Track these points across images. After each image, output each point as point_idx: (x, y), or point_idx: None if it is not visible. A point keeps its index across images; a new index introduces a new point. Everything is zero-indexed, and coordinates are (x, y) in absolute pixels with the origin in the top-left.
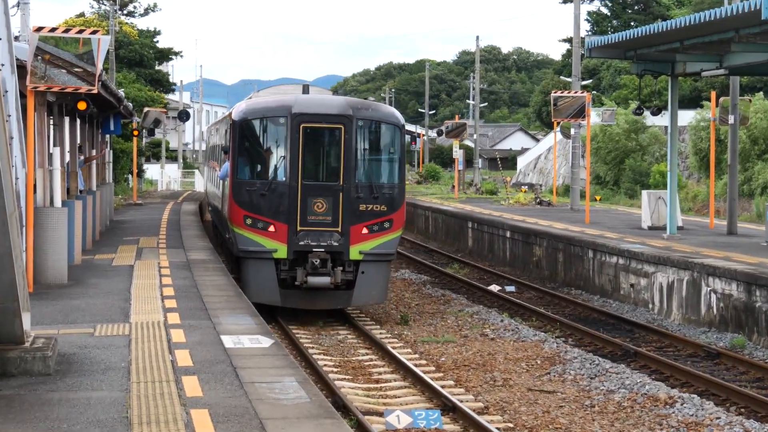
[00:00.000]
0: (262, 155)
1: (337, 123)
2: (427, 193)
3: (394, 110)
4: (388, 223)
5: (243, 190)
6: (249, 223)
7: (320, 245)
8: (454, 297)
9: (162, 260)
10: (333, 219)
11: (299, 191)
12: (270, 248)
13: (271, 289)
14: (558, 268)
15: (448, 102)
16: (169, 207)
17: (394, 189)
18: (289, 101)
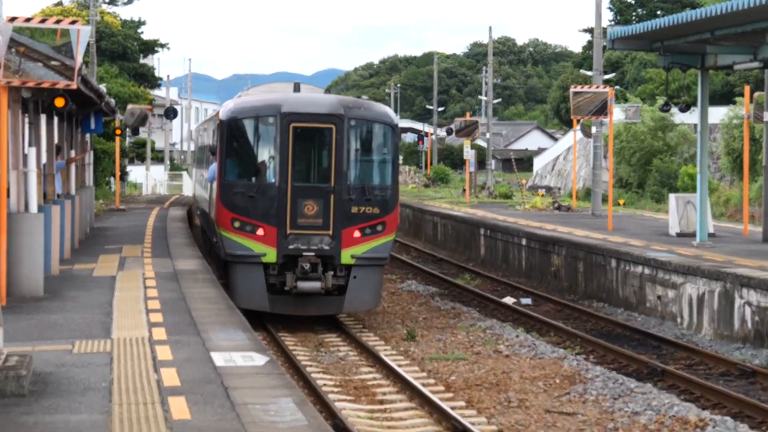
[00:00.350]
0: (251, 156)
1: (328, 123)
2: (436, 197)
3: (387, 109)
4: (381, 226)
5: (231, 192)
6: (237, 226)
7: (310, 249)
8: (465, 310)
9: (147, 270)
10: (324, 222)
11: (289, 193)
12: (258, 252)
13: (259, 294)
14: (578, 278)
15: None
16: (155, 213)
17: (387, 191)
18: (279, 100)
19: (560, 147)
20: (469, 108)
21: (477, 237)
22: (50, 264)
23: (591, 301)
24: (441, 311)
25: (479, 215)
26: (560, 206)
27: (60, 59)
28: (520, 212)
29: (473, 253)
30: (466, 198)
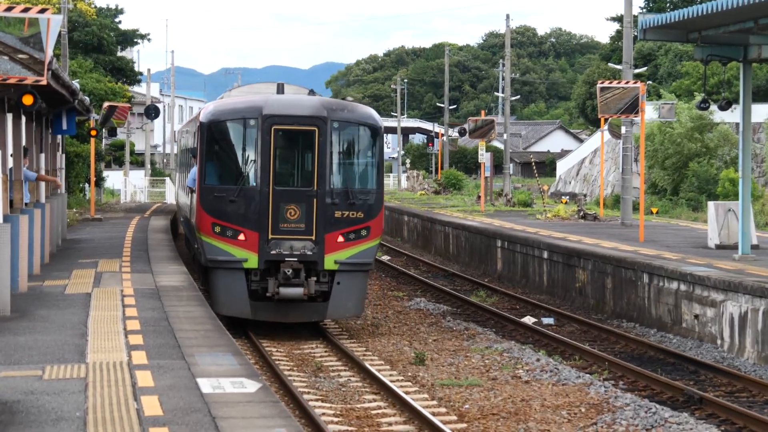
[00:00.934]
0: (232, 159)
1: (311, 125)
2: (447, 206)
3: (372, 111)
4: (365, 231)
5: (211, 196)
6: (218, 231)
7: (293, 254)
8: (480, 331)
9: (126, 287)
10: (306, 226)
11: (270, 197)
12: (240, 257)
13: (241, 301)
14: (606, 295)
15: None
16: (135, 223)
17: (371, 195)
18: (260, 102)
19: (586, 149)
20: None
21: (493, 249)
22: (17, 280)
23: (620, 321)
24: (453, 332)
25: (496, 225)
26: (586, 215)
27: (28, 52)
28: (542, 222)
29: (489, 268)
30: (481, 206)
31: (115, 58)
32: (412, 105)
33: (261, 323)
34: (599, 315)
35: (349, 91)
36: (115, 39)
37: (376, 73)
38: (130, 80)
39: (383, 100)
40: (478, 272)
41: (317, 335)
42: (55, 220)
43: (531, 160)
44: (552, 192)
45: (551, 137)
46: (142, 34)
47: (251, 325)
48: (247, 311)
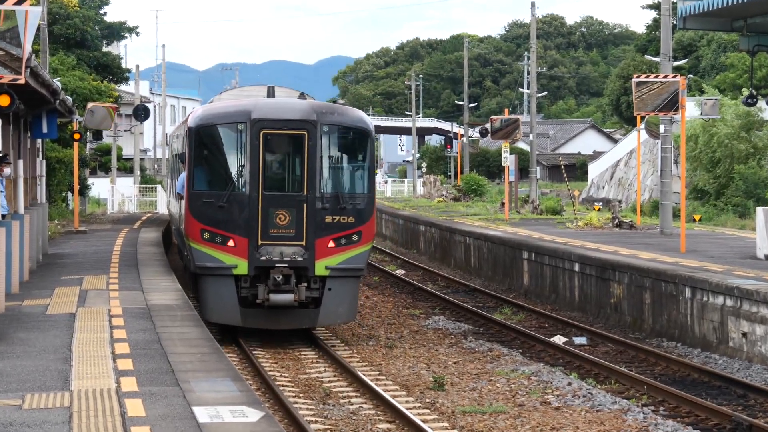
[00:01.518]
0: (221, 164)
1: (300, 129)
2: (468, 214)
3: (362, 115)
4: (356, 236)
5: (200, 202)
6: (207, 238)
7: (283, 260)
8: (505, 352)
9: (114, 306)
10: (297, 232)
11: (260, 202)
12: (229, 264)
13: (231, 308)
14: (644, 312)
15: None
16: (123, 235)
17: (362, 199)
18: (249, 106)
19: (621, 150)
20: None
21: (519, 262)
22: None
23: (660, 340)
24: (475, 353)
25: (521, 235)
26: (621, 223)
27: (4, 48)
28: (572, 231)
29: (514, 282)
30: (505, 214)
31: (100, 54)
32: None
33: (254, 335)
34: (637, 333)
35: (358, 88)
36: (100, 33)
37: (388, 68)
38: (116, 78)
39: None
40: (502, 287)
41: (324, 356)
42: (35, 233)
43: (560, 162)
44: (583, 198)
45: (582, 137)
46: (130, 27)
47: (247, 343)
48: (237, 318)
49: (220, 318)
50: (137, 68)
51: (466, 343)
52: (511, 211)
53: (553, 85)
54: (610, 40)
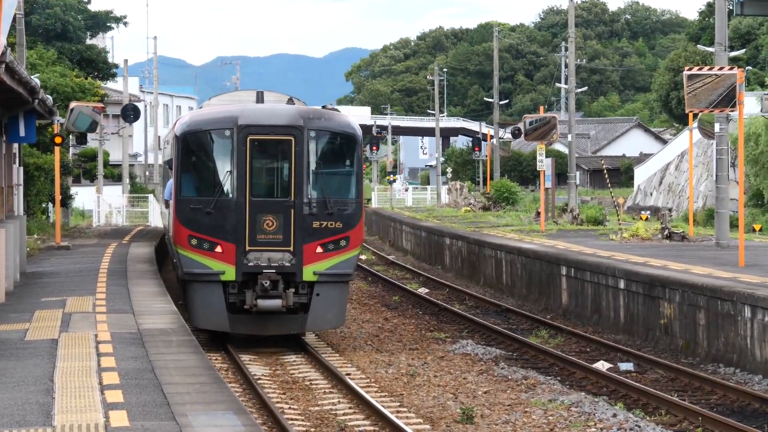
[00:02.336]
0: (208, 171)
1: (287, 134)
2: (499, 225)
3: (350, 120)
4: (344, 241)
5: (187, 209)
6: (194, 244)
7: (271, 266)
8: (542, 380)
9: (101, 331)
10: (284, 237)
11: (247, 208)
12: (217, 270)
13: (218, 314)
14: (698, 334)
15: (528, 86)
16: (111, 251)
17: (350, 204)
18: (236, 112)
19: (671, 152)
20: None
21: (557, 278)
22: None
23: (716, 366)
24: (508, 381)
25: (559, 248)
26: (672, 234)
27: None
28: (617, 243)
29: (552, 301)
30: (541, 225)
31: (83, 47)
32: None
33: (254, 351)
34: (690, 358)
35: (374, 83)
36: (84, 23)
37: (408, 61)
38: (102, 74)
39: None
40: (538, 307)
41: (338, 385)
42: (12, 249)
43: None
44: (629, 206)
45: (627, 138)
46: (117, 16)
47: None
48: (225, 324)
49: (207, 324)
50: (125, 63)
51: (498, 369)
52: (547, 222)
53: (594, 80)
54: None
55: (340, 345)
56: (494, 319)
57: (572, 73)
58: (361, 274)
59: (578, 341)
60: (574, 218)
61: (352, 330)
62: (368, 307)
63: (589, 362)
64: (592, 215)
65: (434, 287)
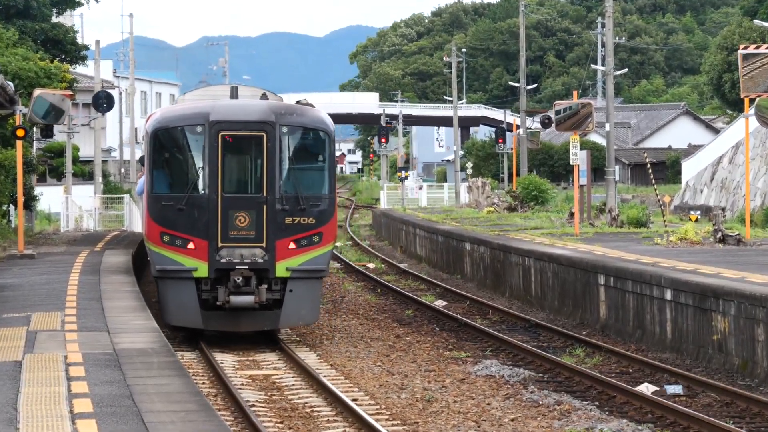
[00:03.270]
0: (179, 167)
1: (259, 130)
2: (527, 227)
3: (323, 115)
4: (317, 237)
5: (159, 205)
6: (166, 241)
7: (243, 262)
8: (578, 405)
9: (71, 351)
10: (256, 233)
11: (219, 205)
12: (189, 267)
13: (191, 311)
14: (757, 352)
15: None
16: (82, 260)
17: (323, 200)
18: (207, 108)
19: (724, 143)
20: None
21: (593, 289)
22: None
23: None
24: (539, 407)
25: (597, 254)
26: (726, 237)
27: None
28: (662, 248)
29: (588, 315)
30: (575, 227)
31: (48, 26)
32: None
33: (234, 367)
34: (747, 380)
35: (383, 66)
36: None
37: (422, 40)
38: (71, 57)
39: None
40: (572, 321)
41: (343, 413)
42: None
43: (645, 160)
44: (676, 205)
45: (673, 127)
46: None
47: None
48: (198, 321)
49: (180, 321)
50: (97, 44)
51: (527, 394)
52: (582, 224)
53: (635, 60)
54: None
55: (345, 366)
56: (522, 335)
57: (610, 53)
58: (369, 285)
59: (619, 360)
60: (613, 219)
61: (359, 349)
62: (377, 322)
63: (631, 385)
64: (633, 216)
65: (453, 299)
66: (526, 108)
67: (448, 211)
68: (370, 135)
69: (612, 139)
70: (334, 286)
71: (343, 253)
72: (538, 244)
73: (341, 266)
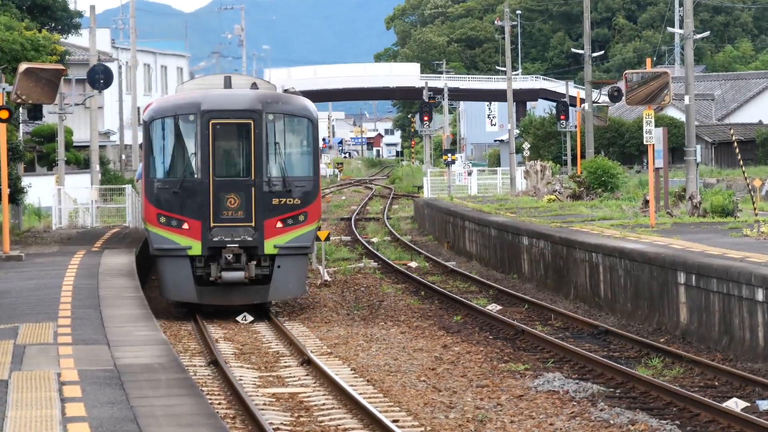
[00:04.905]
0: (174, 153)
1: (246, 118)
2: (594, 218)
3: (306, 103)
4: (302, 216)
5: (156, 189)
6: (163, 222)
7: (234, 240)
8: (656, 425)
9: (65, 368)
10: (246, 214)
11: (211, 187)
12: (184, 245)
13: (187, 286)
14: None
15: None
16: (77, 261)
17: (307, 182)
18: (199, 98)
19: None
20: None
21: (672, 289)
22: None
23: None
24: (610, 427)
25: (676, 248)
26: None
27: None
28: (753, 241)
29: (666, 319)
30: (650, 217)
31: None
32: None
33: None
34: None
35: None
36: None
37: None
38: (62, 26)
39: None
40: (647, 327)
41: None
42: None
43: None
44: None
45: (764, 99)
46: None
47: None
48: (193, 296)
49: (177, 296)
50: (92, 10)
51: (596, 412)
52: (658, 213)
53: (719, 22)
54: None
55: (384, 381)
56: (589, 344)
57: (689, 14)
58: (411, 287)
59: (702, 372)
60: (694, 208)
61: (400, 362)
62: (421, 330)
63: (717, 400)
64: (718, 203)
65: (509, 303)
66: (591, 79)
67: (502, 200)
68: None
69: (692, 113)
70: (371, 289)
71: (380, 251)
72: (608, 238)
73: (379, 265)
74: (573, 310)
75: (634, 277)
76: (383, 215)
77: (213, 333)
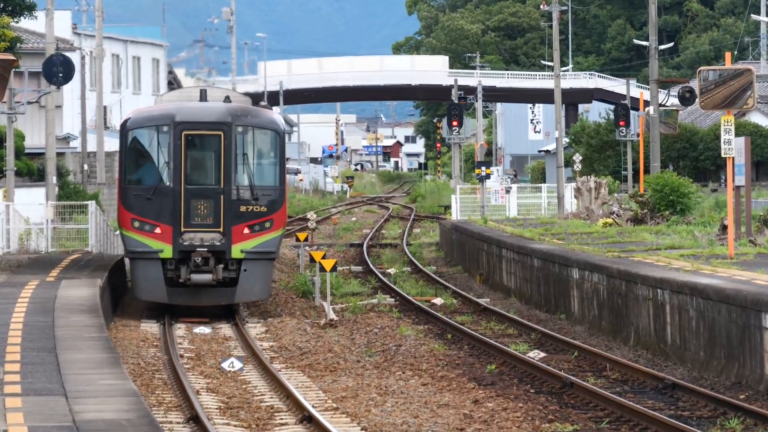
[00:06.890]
0: (148, 162)
1: (217, 130)
2: (660, 247)
3: (274, 116)
4: (268, 223)
5: (130, 195)
6: (136, 226)
7: (203, 245)
8: None
9: (13, 425)
10: (215, 220)
11: (182, 195)
12: (156, 249)
13: (158, 287)
14: None
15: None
16: (29, 294)
17: (274, 191)
18: (173, 110)
19: None
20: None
21: (756, 334)
22: None
23: None
24: None
25: (760, 284)
26: None
27: None
28: None
29: (747, 371)
30: (729, 247)
31: None
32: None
33: None
34: None
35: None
36: None
37: None
38: (12, 7)
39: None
40: (724, 380)
41: None
42: None
43: None
44: None
45: None
46: None
47: None
48: (163, 296)
49: (149, 296)
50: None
51: None
52: (739, 241)
53: None
54: None
55: None
56: (653, 400)
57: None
58: (435, 329)
59: None
60: None
61: (421, 420)
62: (447, 382)
63: None
64: None
65: (554, 349)
66: (658, 77)
67: (548, 224)
68: (436, 116)
69: None
70: (386, 331)
71: (398, 284)
72: (676, 271)
73: (396, 302)
74: (633, 359)
75: (709, 320)
76: (402, 241)
77: (194, 382)
